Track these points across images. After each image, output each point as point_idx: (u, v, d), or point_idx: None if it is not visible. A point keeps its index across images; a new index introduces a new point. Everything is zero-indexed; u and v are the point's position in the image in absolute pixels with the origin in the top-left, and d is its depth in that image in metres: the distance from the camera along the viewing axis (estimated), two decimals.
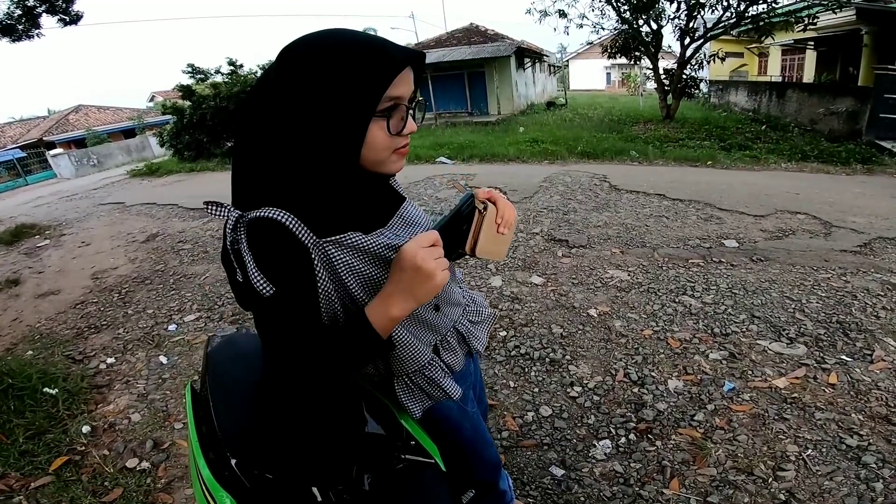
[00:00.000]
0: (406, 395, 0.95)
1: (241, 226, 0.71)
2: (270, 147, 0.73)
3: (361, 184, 0.81)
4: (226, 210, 0.73)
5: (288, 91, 0.70)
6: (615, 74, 35.93)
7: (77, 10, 7.58)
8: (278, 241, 0.71)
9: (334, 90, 0.69)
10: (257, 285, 0.70)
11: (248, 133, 0.75)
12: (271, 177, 0.74)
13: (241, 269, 0.73)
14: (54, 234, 6.58)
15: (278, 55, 0.74)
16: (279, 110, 0.71)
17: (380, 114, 0.73)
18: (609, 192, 5.68)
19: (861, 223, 4.14)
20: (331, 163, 0.74)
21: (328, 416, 0.88)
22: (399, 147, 0.79)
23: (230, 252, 0.73)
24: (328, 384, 0.79)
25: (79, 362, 2.94)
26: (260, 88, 0.74)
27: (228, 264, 0.78)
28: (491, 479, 1.29)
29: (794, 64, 17.03)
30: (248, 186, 0.76)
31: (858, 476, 1.66)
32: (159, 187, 9.78)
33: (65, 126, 23.82)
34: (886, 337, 2.43)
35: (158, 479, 1.95)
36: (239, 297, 0.83)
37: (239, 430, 0.89)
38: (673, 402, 2.10)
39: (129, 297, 3.89)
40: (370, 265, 0.80)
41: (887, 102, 8.03)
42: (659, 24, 12.21)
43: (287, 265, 0.73)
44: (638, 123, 12.24)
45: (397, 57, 0.72)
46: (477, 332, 1.04)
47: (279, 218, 0.70)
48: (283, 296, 0.72)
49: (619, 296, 3.09)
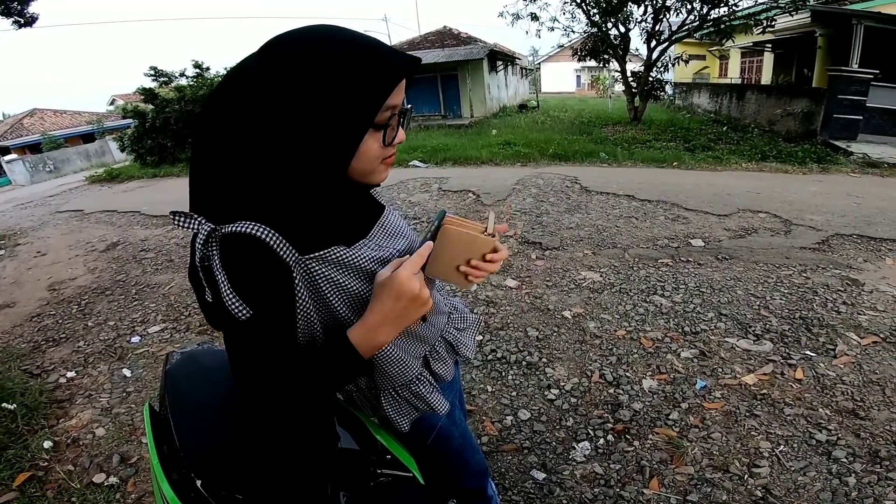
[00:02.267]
0: (393, 408, 0.92)
1: (214, 241, 0.64)
2: (247, 152, 0.65)
3: (345, 194, 0.77)
4: (196, 222, 0.65)
5: (276, 92, 0.63)
6: (585, 77, 36.67)
7: (32, 13, 7.32)
8: (257, 260, 0.65)
9: (332, 96, 0.63)
10: (232, 308, 0.64)
11: (219, 135, 0.67)
12: (247, 186, 0.67)
13: (211, 289, 0.66)
14: (8, 244, 6.25)
15: (263, 49, 0.66)
16: (263, 113, 0.64)
17: (377, 125, 0.69)
18: (580, 194, 5.76)
19: (819, 221, 4.31)
20: (318, 173, 0.68)
21: (299, 433, 0.85)
22: (387, 157, 0.75)
23: (199, 269, 0.66)
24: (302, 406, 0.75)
25: (37, 377, 2.80)
26: (237, 85, 0.66)
27: (197, 282, 0.71)
28: (479, 486, 1.28)
29: (752, 66, 17.69)
30: (216, 195, 0.68)
31: (830, 471, 1.71)
32: (120, 194, 9.42)
33: (19, 130, 22.74)
34: (848, 331, 2.52)
35: (128, 493, 1.87)
36: (208, 316, 0.77)
37: (204, 449, 0.86)
38: (648, 402, 2.13)
39: (88, 309, 3.72)
40: (354, 280, 0.76)
41: (841, 103, 8.41)
42: (627, 27, 12.53)
43: (266, 286, 0.67)
44: (607, 125, 12.49)
45: (398, 64, 0.67)
46: (464, 338, 1.02)
47: (259, 234, 0.64)
48: (260, 319, 0.66)
49: (593, 297, 3.13)
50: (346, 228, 0.78)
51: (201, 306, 0.76)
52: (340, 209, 0.77)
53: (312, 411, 0.88)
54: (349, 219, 0.80)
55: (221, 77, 0.61)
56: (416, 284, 0.69)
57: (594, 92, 29.08)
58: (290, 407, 0.72)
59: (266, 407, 0.73)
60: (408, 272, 0.69)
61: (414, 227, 4.89)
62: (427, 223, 4.91)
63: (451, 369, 1.00)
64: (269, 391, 0.70)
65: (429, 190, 6.48)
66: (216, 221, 0.65)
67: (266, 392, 0.70)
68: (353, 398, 0.98)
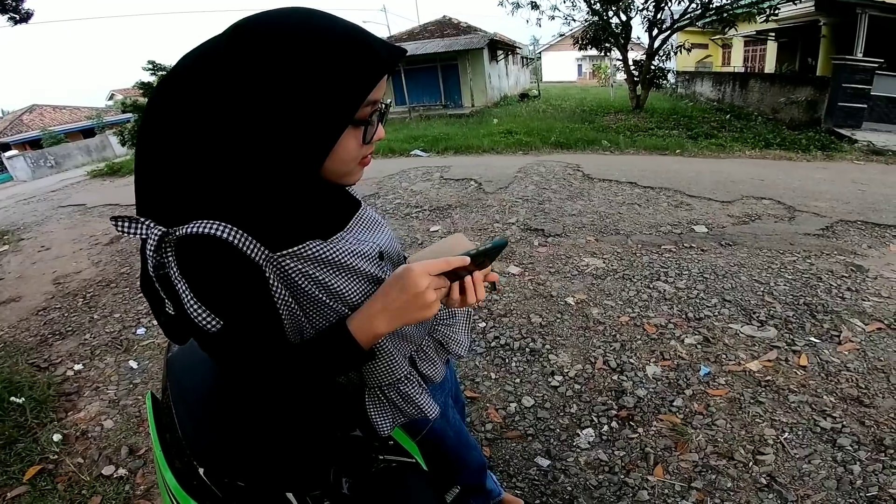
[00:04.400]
0: (376, 409, 0.84)
1: (168, 246, 0.57)
2: (209, 145, 0.58)
3: (316, 191, 0.71)
4: (143, 227, 0.58)
5: (247, 80, 0.56)
6: (586, 66, 36.39)
7: (27, 9, 7.31)
8: (221, 263, 0.58)
9: (310, 88, 0.57)
10: (199, 320, 0.58)
11: (173, 124, 0.59)
12: (203, 179, 0.59)
13: (171, 300, 0.60)
14: (12, 240, 6.27)
15: (231, 32, 0.59)
16: (229, 103, 0.57)
17: (357, 121, 0.63)
18: (582, 182, 5.73)
19: (823, 207, 4.28)
20: (288, 171, 0.61)
21: (300, 420, 0.85)
22: (364, 156, 0.70)
23: (154, 279, 0.59)
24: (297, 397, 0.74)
25: (44, 370, 2.82)
26: (201, 70, 0.59)
27: (153, 294, 0.63)
28: (477, 481, 1.28)
29: (756, 55, 17.52)
30: (168, 192, 0.60)
31: (835, 459, 1.70)
32: (122, 188, 9.41)
33: (19, 127, 22.75)
34: (852, 318, 2.51)
35: (137, 485, 1.89)
36: (169, 331, 0.69)
37: (205, 437, 0.86)
38: (652, 389, 2.13)
39: (94, 302, 3.74)
40: (333, 276, 0.69)
41: (845, 91, 8.34)
42: (628, 15, 12.42)
43: (235, 291, 0.60)
44: (609, 114, 12.40)
45: (383, 55, 0.61)
46: (455, 335, 0.95)
47: (220, 233, 0.57)
48: (236, 327, 0.60)
49: (596, 283, 3.13)
50: (321, 222, 0.72)
51: (158, 321, 0.68)
52: (315, 202, 0.72)
53: (314, 398, 0.88)
54: (324, 212, 0.74)
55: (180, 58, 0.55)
56: (423, 282, 0.64)
57: (596, 81, 28.86)
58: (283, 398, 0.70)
59: (262, 399, 0.72)
60: (421, 269, 0.65)
61: (416, 215, 4.89)
62: (428, 211, 4.90)
63: (440, 370, 0.93)
64: (261, 385, 0.67)
65: (430, 179, 6.46)
66: (168, 224, 0.58)
67: (258, 387, 0.68)
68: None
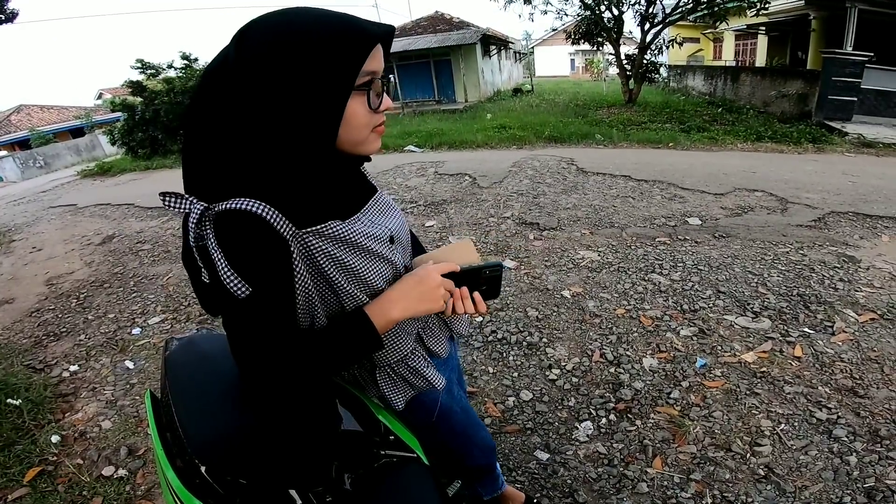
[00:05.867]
0: (388, 386, 0.93)
1: (208, 220, 0.64)
2: (236, 133, 0.66)
3: (337, 168, 0.78)
4: (187, 203, 0.65)
5: (253, 76, 0.64)
6: (579, 60, 36.26)
7: (12, 8, 7.22)
8: (254, 235, 0.65)
9: (309, 67, 0.64)
10: (231, 286, 0.64)
11: (207, 121, 0.68)
12: (238, 164, 0.67)
13: (207, 269, 0.67)
14: (3, 241, 6.20)
15: (236, 37, 0.68)
16: (244, 96, 0.65)
17: (359, 87, 0.69)
18: (577, 175, 5.74)
19: (815, 199, 4.32)
20: (308, 145, 0.69)
21: (302, 416, 0.85)
22: (377, 125, 0.76)
23: (194, 250, 0.67)
24: (306, 386, 0.76)
25: (40, 371, 2.79)
26: (217, 73, 0.68)
27: (192, 264, 0.71)
28: (487, 462, 1.29)
29: (747, 49, 17.60)
30: (209, 176, 0.69)
31: (832, 450, 1.71)
32: (113, 187, 9.33)
33: (7, 127, 22.45)
34: (846, 308, 2.54)
35: (138, 485, 1.88)
36: (204, 300, 0.78)
37: (206, 435, 0.85)
38: (649, 381, 2.15)
39: (87, 302, 3.71)
40: (350, 254, 0.77)
41: (835, 85, 8.40)
42: (620, 9, 12.41)
43: (265, 261, 0.67)
44: (602, 108, 12.41)
45: (370, 30, 0.69)
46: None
47: (254, 209, 0.64)
48: (261, 296, 0.66)
49: (591, 276, 3.14)
50: (340, 203, 0.79)
51: (196, 290, 0.77)
52: (335, 184, 0.79)
53: (315, 393, 0.88)
54: (343, 194, 0.81)
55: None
56: (438, 278, 0.80)
57: (588, 75, 28.81)
58: (294, 387, 0.72)
59: (270, 388, 0.73)
60: (435, 268, 0.81)
61: (411, 210, 4.88)
62: (423, 206, 4.89)
63: (445, 345, 1.01)
64: (273, 371, 0.70)
65: (425, 174, 6.45)
66: (209, 201, 0.65)
67: (270, 372, 0.70)
68: (355, 378, 0.98)
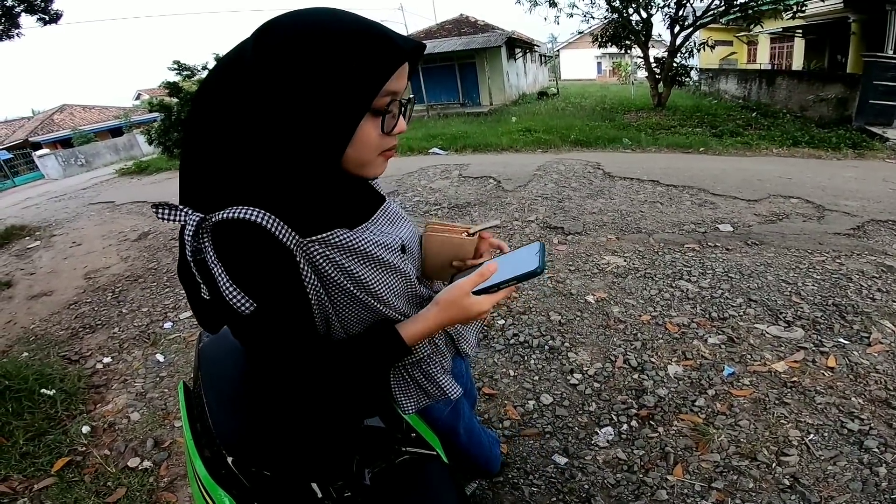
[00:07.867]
0: (401, 389, 0.89)
1: (205, 231, 0.60)
2: (242, 136, 0.62)
3: (340, 183, 0.74)
4: (182, 214, 0.61)
5: (271, 75, 0.60)
6: (606, 64, 35.84)
7: (56, 10, 7.47)
8: (255, 246, 0.61)
9: (328, 78, 0.60)
10: (234, 302, 0.60)
11: (211, 120, 0.64)
12: (238, 167, 0.63)
13: (207, 285, 0.63)
14: (44, 235, 6.49)
15: (257, 33, 0.63)
16: (256, 95, 0.61)
17: (375, 110, 0.65)
18: (603, 180, 5.67)
19: (854, 206, 4.16)
20: (313, 158, 0.64)
21: (325, 411, 0.86)
22: (387, 149, 0.72)
23: (192, 264, 0.62)
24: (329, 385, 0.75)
25: (75, 363, 2.91)
26: (231, 70, 0.63)
27: (189, 280, 0.67)
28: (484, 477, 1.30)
29: (783, 52, 17.07)
30: (206, 183, 0.65)
31: (861, 461, 1.66)
32: (149, 185, 9.68)
33: (50, 126, 23.41)
34: (883, 319, 2.44)
35: (161, 477, 1.93)
36: (201, 317, 0.73)
37: (234, 427, 0.87)
38: (673, 388, 2.10)
39: (122, 296, 3.85)
40: (357, 264, 0.73)
41: (876, 89, 8.08)
42: (648, 12, 12.19)
43: (268, 274, 0.63)
44: (629, 112, 12.23)
45: (401, 45, 0.63)
46: (466, 333, 0.98)
47: (254, 218, 0.60)
48: (269, 310, 0.63)
49: (616, 282, 3.10)
50: (347, 212, 0.75)
51: (192, 307, 0.73)
52: (341, 193, 0.75)
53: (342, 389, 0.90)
54: (351, 203, 0.77)
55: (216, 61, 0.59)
56: (487, 307, 0.74)
57: (616, 79, 28.44)
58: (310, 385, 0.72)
59: (288, 388, 0.74)
60: (489, 302, 0.74)
61: (435, 213, 4.90)
62: (447, 208, 4.90)
63: (448, 363, 0.97)
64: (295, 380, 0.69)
65: (449, 176, 6.47)
66: (206, 211, 0.61)
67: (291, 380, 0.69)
68: None
